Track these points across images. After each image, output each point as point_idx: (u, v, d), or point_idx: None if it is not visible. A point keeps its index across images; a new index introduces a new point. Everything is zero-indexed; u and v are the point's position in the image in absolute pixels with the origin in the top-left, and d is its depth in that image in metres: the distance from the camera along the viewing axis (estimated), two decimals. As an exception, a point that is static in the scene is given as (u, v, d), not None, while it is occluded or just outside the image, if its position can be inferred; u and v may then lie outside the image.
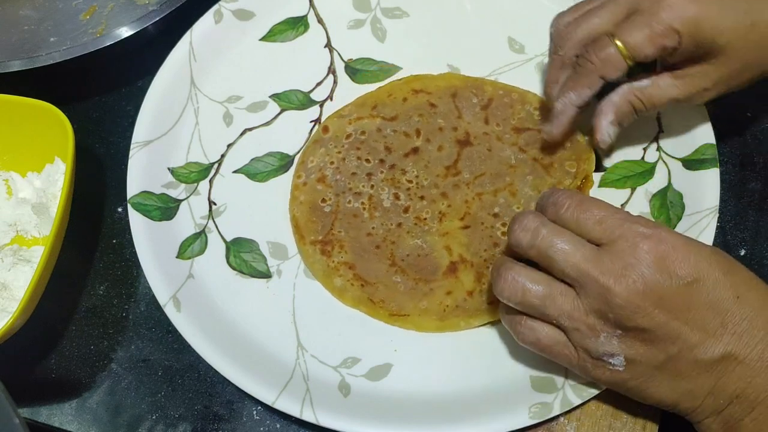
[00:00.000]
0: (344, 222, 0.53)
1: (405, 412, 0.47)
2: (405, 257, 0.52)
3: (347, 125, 0.56)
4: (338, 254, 0.52)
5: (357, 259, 0.52)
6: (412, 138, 0.55)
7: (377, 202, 0.54)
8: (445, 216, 0.53)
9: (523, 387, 0.47)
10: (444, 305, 0.50)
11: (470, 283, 0.51)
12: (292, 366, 0.49)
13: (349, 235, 0.53)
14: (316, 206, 0.54)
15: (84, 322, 0.54)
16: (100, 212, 0.58)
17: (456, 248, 0.52)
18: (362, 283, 0.51)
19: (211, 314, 0.51)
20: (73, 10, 0.65)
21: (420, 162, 0.54)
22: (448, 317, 0.50)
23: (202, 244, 0.53)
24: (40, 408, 0.52)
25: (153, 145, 0.55)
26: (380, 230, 0.53)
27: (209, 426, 0.51)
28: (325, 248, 0.53)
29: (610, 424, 0.47)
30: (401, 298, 0.51)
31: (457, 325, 0.50)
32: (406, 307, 0.51)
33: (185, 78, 0.58)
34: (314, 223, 0.54)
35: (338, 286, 0.52)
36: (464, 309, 0.50)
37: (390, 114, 0.56)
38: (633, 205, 0.52)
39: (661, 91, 0.48)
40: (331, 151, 0.56)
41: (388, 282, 0.51)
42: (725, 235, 0.54)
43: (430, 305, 0.50)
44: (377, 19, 0.60)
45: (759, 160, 0.56)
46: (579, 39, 0.48)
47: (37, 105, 0.54)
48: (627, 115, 0.49)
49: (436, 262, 0.52)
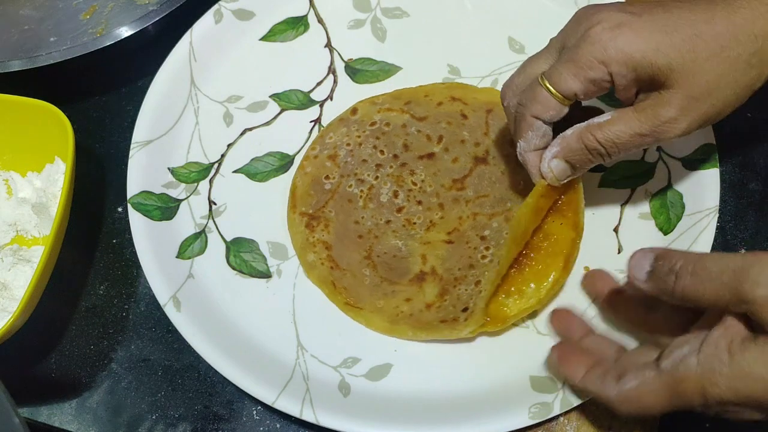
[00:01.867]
0: (338, 203, 0.54)
1: (405, 412, 0.47)
2: (381, 254, 0.52)
3: (376, 113, 0.56)
4: (321, 231, 0.53)
5: (336, 242, 0.52)
6: (432, 143, 0.55)
7: (375, 195, 0.54)
8: (434, 226, 0.52)
9: (523, 387, 0.47)
10: (399, 310, 0.50)
11: (432, 297, 0.50)
12: (292, 366, 0.49)
13: (338, 217, 0.53)
14: (319, 181, 0.54)
15: (84, 322, 0.54)
16: (100, 212, 0.58)
17: (431, 259, 0.51)
18: (333, 265, 0.52)
19: (211, 314, 0.51)
20: (73, 9, 0.65)
21: (431, 168, 0.54)
22: (399, 323, 0.50)
23: (202, 244, 0.53)
24: (40, 408, 0.52)
25: (153, 145, 0.55)
26: (368, 222, 0.53)
27: (209, 426, 0.51)
28: (310, 222, 0.53)
29: (610, 424, 0.47)
30: (362, 291, 0.51)
31: (404, 333, 0.49)
32: (362, 301, 0.51)
33: (185, 78, 0.58)
34: (311, 196, 0.54)
35: (309, 261, 0.52)
36: (417, 319, 0.49)
37: (420, 114, 0.56)
38: (633, 205, 0.52)
39: (621, 125, 0.44)
40: (352, 132, 0.56)
41: (357, 272, 0.51)
42: (725, 235, 0.54)
43: (385, 306, 0.50)
44: (377, 19, 0.60)
45: (759, 160, 0.56)
46: (516, 87, 0.47)
47: (37, 105, 0.54)
48: (577, 153, 0.45)
49: (407, 267, 0.51)
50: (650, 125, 0.43)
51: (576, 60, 0.43)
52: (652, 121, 0.43)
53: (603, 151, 0.45)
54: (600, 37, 0.42)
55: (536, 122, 0.46)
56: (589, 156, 0.45)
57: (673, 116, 0.43)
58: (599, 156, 0.45)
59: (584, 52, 0.43)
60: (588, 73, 0.43)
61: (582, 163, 0.46)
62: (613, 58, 0.42)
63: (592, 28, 0.43)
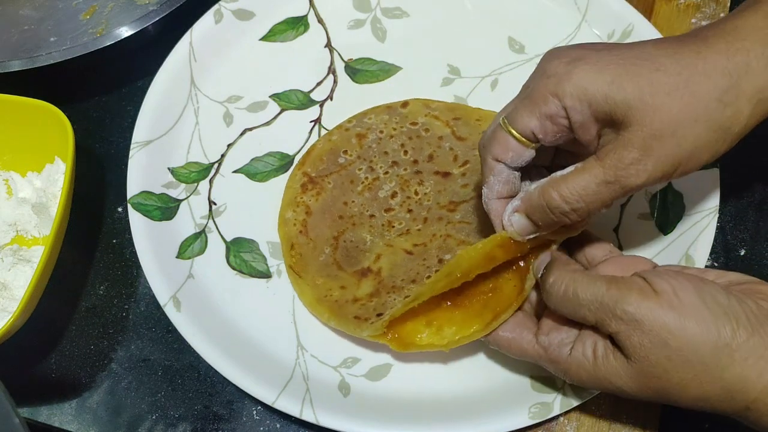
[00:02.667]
0: (340, 179, 0.54)
1: (405, 412, 0.47)
2: (348, 241, 0.52)
3: (423, 115, 0.56)
4: (310, 196, 0.54)
5: (317, 212, 0.53)
6: (455, 164, 0.54)
7: (376, 187, 0.54)
8: (407, 234, 0.52)
9: (523, 387, 0.47)
10: (330, 293, 0.50)
11: (363, 293, 0.50)
12: (292, 366, 0.49)
13: (333, 192, 0.54)
14: (336, 152, 0.55)
15: (84, 322, 0.54)
16: (100, 212, 0.58)
17: (383, 261, 0.51)
18: (302, 230, 0.53)
19: (211, 314, 0.51)
20: (73, 9, 0.65)
21: (440, 185, 0.53)
22: (322, 303, 0.50)
23: (202, 244, 0.53)
24: (40, 408, 0.52)
25: (153, 145, 0.55)
26: (355, 208, 0.53)
27: (209, 426, 0.51)
28: (306, 185, 0.54)
29: (609, 425, 0.47)
30: (312, 264, 0.52)
31: (322, 314, 0.50)
32: (305, 272, 0.51)
33: (185, 78, 0.58)
34: (322, 162, 0.55)
35: (285, 217, 0.53)
36: (339, 307, 0.49)
37: (462, 133, 0.55)
38: (633, 205, 0.52)
39: (585, 174, 0.40)
40: (391, 122, 0.56)
41: (318, 246, 0.52)
42: (725, 235, 0.54)
43: (322, 285, 0.51)
44: (377, 19, 0.60)
45: (759, 160, 0.56)
46: (485, 133, 0.44)
47: (37, 105, 0.54)
48: (538, 210, 0.42)
49: (359, 260, 0.51)
50: (614, 171, 0.39)
51: (532, 96, 0.41)
52: (615, 164, 0.39)
53: (565, 209, 0.41)
54: (556, 71, 0.40)
55: (497, 165, 0.43)
56: (551, 215, 0.42)
57: (636, 157, 0.39)
58: (563, 215, 0.41)
59: (540, 87, 0.40)
60: (542, 108, 0.40)
61: (545, 221, 0.42)
62: (567, 91, 0.39)
63: (549, 63, 0.40)
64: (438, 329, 0.46)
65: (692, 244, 0.49)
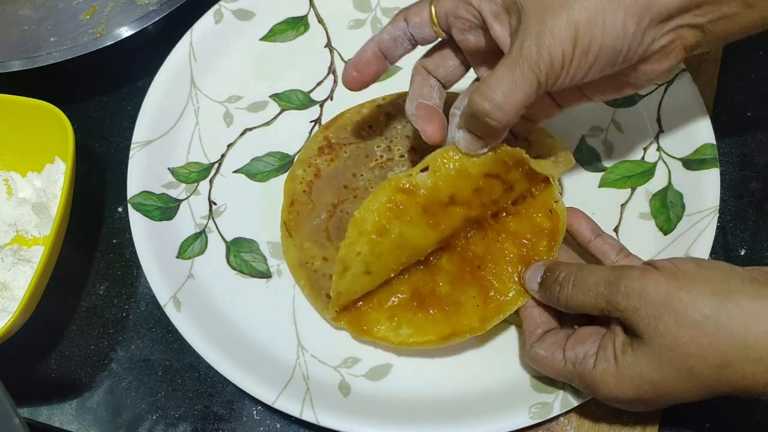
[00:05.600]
0: (357, 151, 0.54)
1: (405, 412, 0.47)
2: (345, 212, 0.52)
3: None
4: (324, 160, 0.54)
5: (326, 177, 0.53)
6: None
7: (388, 168, 0.54)
8: None
9: (523, 387, 0.47)
10: (312, 260, 0.51)
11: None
12: (292, 366, 0.49)
13: (346, 162, 0.54)
14: (363, 125, 0.55)
15: (84, 322, 0.54)
16: (100, 212, 0.58)
17: None
18: (306, 189, 0.53)
19: (211, 314, 0.51)
20: (74, 9, 0.65)
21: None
22: (303, 269, 0.51)
23: (202, 244, 0.53)
24: (40, 408, 0.52)
25: (153, 145, 0.55)
26: (361, 182, 0.53)
27: (209, 426, 0.51)
28: (324, 148, 0.54)
29: (610, 425, 0.47)
30: (304, 226, 0.52)
31: (299, 280, 0.51)
32: (297, 233, 0.52)
33: (185, 78, 0.58)
34: (346, 131, 0.55)
35: (296, 173, 0.54)
36: (316, 279, 0.50)
37: None
38: (633, 205, 0.52)
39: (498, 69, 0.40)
40: None
41: (315, 210, 0.52)
42: (725, 235, 0.54)
43: (307, 249, 0.51)
44: (377, 19, 0.60)
45: (759, 160, 0.56)
46: None
47: (37, 105, 0.54)
48: (471, 120, 0.42)
49: None
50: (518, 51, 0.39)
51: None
52: (519, 45, 0.39)
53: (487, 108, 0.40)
54: None
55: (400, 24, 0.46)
56: (481, 121, 0.41)
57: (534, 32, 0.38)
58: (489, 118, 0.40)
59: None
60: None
61: (482, 131, 0.42)
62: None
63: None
64: (397, 326, 0.47)
65: (692, 244, 0.49)
